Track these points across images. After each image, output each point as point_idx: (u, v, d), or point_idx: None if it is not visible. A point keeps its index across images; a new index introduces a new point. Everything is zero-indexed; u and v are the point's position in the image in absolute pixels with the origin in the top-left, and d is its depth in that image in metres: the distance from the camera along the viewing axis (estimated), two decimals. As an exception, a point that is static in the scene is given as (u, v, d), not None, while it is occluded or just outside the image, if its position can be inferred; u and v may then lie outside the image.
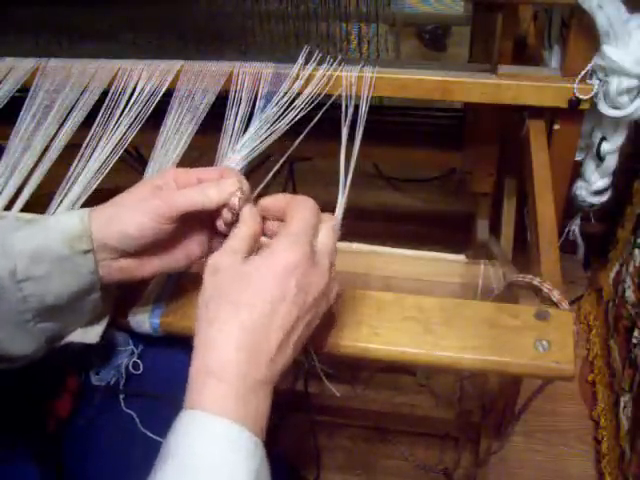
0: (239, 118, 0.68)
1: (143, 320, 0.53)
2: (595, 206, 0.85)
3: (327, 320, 0.48)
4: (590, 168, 0.81)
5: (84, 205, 0.64)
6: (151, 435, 0.51)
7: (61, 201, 0.63)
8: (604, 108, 0.71)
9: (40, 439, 0.53)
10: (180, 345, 0.57)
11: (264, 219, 0.48)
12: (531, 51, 0.90)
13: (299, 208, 0.45)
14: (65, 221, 0.46)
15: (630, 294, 0.99)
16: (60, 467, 0.52)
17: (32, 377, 0.52)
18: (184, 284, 0.56)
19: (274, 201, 0.48)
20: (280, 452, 0.99)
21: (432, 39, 1.81)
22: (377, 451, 1.08)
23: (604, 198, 0.83)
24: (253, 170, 1.04)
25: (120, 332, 0.54)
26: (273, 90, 0.70)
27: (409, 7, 0.83)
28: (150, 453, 0.50)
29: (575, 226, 0.90)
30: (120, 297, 0.53)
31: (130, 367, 0.55)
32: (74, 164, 0.66)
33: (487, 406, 0.94)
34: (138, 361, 0.55)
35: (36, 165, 0.68)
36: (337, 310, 0.51)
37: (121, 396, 0.53)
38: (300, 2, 0.73)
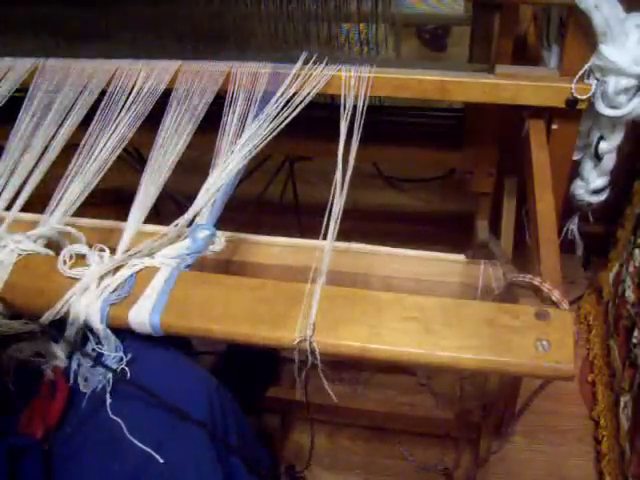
0: (238, 117, 0.68)
1: (143, 320, 0.53)
2: (593, 205, 0.85)
3: None
4: (588, 167, 0.81)
5: (84, 205, 0.64)
6: (137, 443, 0.51)
7: (60, 201, 0.63)
8: (602, 108, 0.71)
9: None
10: (172, 350, 0.57)
11: None
12: (532, 51, 0.90)
13: None
14: None
15: (630, 294, 0.99)
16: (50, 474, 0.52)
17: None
18: (184, 284, 0.56)
19: None
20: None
21: (432, 39, 1.81)
22: (377, 451, 1.08)
23: (602, 197, 0.83)
24: (253, 170, 1.05)
25: (111, 337, 0.54)
26: (272, 90, 0.70)
27: (409, 7, 0.83)
28: (136, 460, 0.50)
29: (573, 225, 0.90)
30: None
31: (118, 372, 0.54)
32: (73, 164, 0.66)
33: (487, 406, 0.94)
34: (126, 368, 0.54)
35: (36, 165, 0.68)
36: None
37: (108, 403, 0.53)
38: (300, 2, 0.73)
